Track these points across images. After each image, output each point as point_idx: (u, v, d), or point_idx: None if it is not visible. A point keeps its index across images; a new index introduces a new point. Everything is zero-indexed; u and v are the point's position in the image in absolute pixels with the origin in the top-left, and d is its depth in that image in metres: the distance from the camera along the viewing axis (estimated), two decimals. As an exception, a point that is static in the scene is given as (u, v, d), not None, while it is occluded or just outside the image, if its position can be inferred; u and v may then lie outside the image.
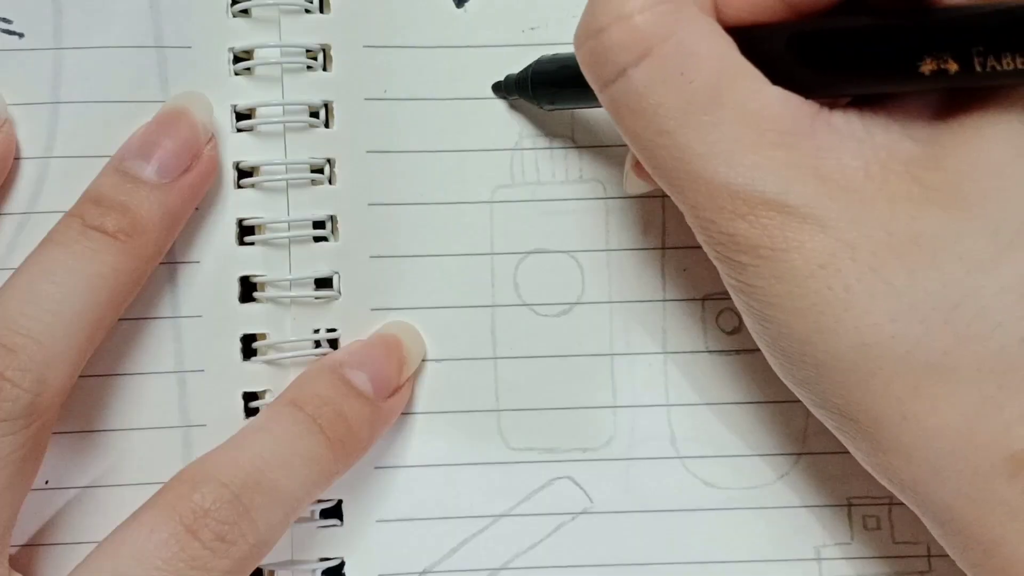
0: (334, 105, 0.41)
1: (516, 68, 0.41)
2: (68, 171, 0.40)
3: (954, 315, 0.28)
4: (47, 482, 0.40)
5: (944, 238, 0.28)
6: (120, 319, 0.39)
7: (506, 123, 0.41)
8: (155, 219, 0.37)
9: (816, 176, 0.29)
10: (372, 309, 0.41)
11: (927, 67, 0.26)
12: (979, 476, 0.29)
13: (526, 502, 0.41)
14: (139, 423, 0.41)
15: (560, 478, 0.41)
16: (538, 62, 0.40)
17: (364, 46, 0.41)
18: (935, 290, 0.28)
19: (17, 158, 0.40)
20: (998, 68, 0.25)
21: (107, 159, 0.38)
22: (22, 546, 0.40)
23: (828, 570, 0.41)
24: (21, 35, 0.41)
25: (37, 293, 0.35)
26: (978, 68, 0.25)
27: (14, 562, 0.37)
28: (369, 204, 0.41)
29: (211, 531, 0.34)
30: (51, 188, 0.40)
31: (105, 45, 0.41)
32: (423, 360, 0.41)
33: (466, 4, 0.41)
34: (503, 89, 0.41)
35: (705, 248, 0.32)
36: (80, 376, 0.37)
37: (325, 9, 0.41)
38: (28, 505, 0.36)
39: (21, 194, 0.40)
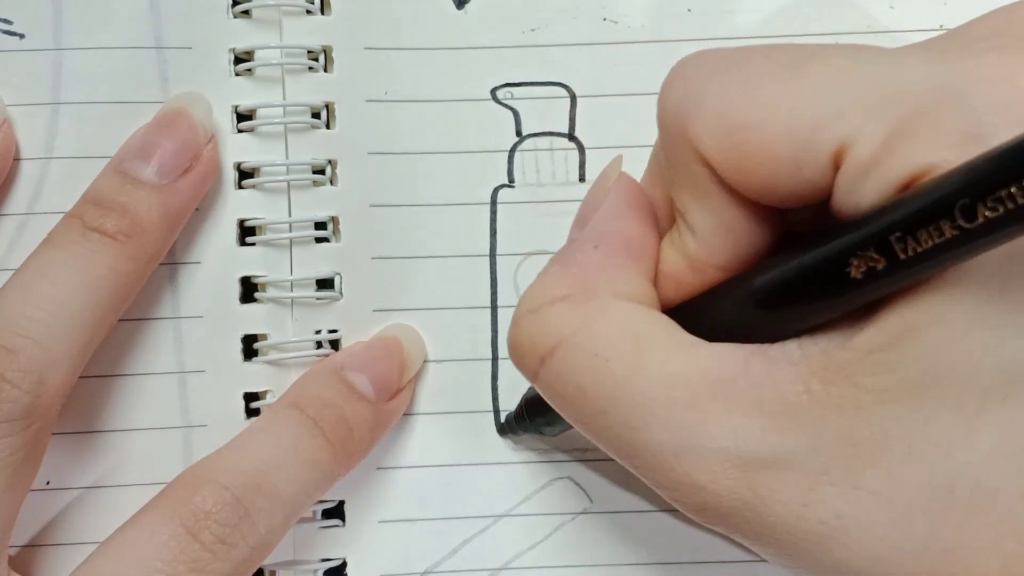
0: (335, 106, 0.41)
1: (516, 69, 0.41)
2: (68, 172, 0.40)
3: (952, 498, 0.27)
4: (48, 482, 0.40)
5: (910, 431, 0.27)
6: (121, 319, 0.39)
7: (507, 125, 0.41)
8: (155, 220, 0.37)
9: (760, 414, 0.28)
10: (374, 310, 0.41)
11: (856, 270, 0.26)
12: None
13: (526, 502, 0.41)
14: (140, 423, 0.41)
15: (560, 478, 0.41)
16: (527, 396, 0.40)
17: (365, 47, 0.41)
18: (924, 482, 0.27)
19: (17, 159, 0.40)
20: (919, 248, 0.25)
21: (107, 160, 0.38)
22: (22, 547, 0.40)
23: (828, 570, 0.41)
24: (21, 36, 0.41)
25: (37, 294, 0.35)
26: (901, 255, 0.25)
27: (14, 563, 0.37)
28: (370, 205, 0.41)
29: (211, 533, 0.34)
30: (51, 189, 0.40)
31: (105, 46, 0.40)
32: (424, 361, 0.41)
33: (467, 5, 0.41)
34: (508, 431, 0.41)
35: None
36: (81, 376, 0.37)
37: (326, 10, 0.41)
38: (28, 505, 0.36)
39: (21, 195, 0.40)
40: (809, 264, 0.27)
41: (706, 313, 0.30)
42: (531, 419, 0.39)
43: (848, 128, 0.26)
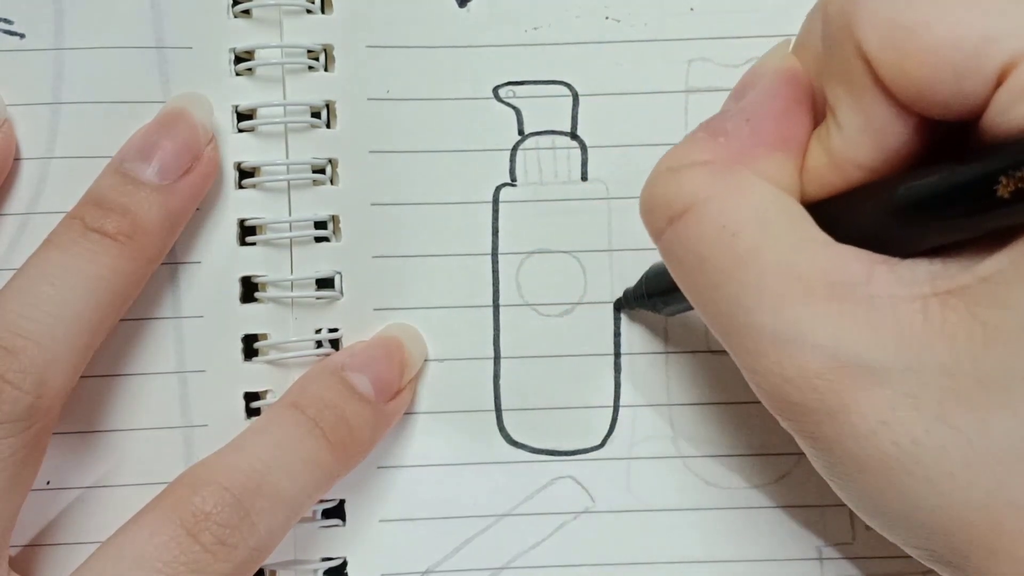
0: (336, 105, 0.41)
1: (518, 68, 0.41)
2: (69, 172, 0.40)
3: None
4: (48, 482, 0.40)
5: (1012, 378, 0.27)
6: (121, 319, 0.39)
7: (509, 123, 0.41)
8: (156, 221, 0.37)
9: (868, 325, 0.28)
10: (374, 309, 0.41)
11: (1004, 189, 0.26)
12: None
13: (528, 501, 0.41)
14: (140, 423, 0.41)
15: (562, 477, 0.41)
16: (647, 273, 0.40)
17: (367, 46, 0.41)
18: (1010, 431, 0.27)
19: (18, 159, 0.40)
20: None
21: (108, 160, 0.38)
22: (22, 547, 0.40)
23: (830, 570, 0.41)
24: (22, 35, 0.41)
25: (37, 295, 0.35)
26: None
27: (14, 563, 0.37)
28: (371, 204, 0.41)
29: (212, 534, 0.34)
30: (52, 189, 0.40)
31: (106, 46, 0.40)
32: (425, 360, 0.41)
33: (468, 4, 0.41)
34: (624, 305, 0.41)
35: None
36: (81, 376, 0.37)
37: (327, 9, 0.41)
38: (29, 506, 0.36)
39: (22, 195, 0.40)
40: (956, 177, 0.27)
41: (842, 214, 0.30)
42: (649, 295, 0.39)
43: (1019, 46, 0.26)
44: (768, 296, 0.29)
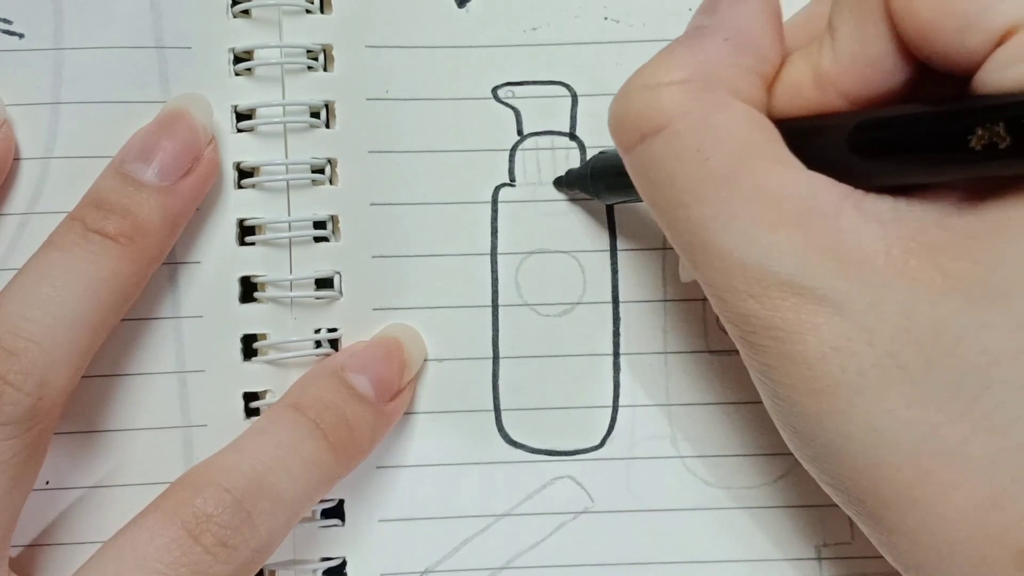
0: (335, 105, 0.41)
1: (518, 68, 0.41)
2: (68, 172, 0.40)
3: (973, 406, 0.27)
4: (48, 483, 0.40)
5: (966, 328, 0.27)
6: (121, 319, 0.39)
7: (508, 124, 0.41)
8: (156, 222, 0.37)
9: (835, 258, 0.28)
10: (374, 309, 0.41)
11: (978, 141, 0.26)
12: (985, 566, 0.28)
13: (527, 501, 0.41)
14: (140, 423, 0.41)
15: (561, 477, 0.41)
16: (596, 157, 0.40)
17: (366, 46, 0.41)
18: (955, 380, 0.27)
19: (17, 159, 0.40)
20: None
21: (108, 160, 0.38)
22: (23, 547, 0.40)
23: (828, 570, 0.41)
24: (21, 35, 0.40)
25: (38, 297, 0.35)
26: None
27: (14, 563, 0.37)
28: (371, 204, 0.41)
29: (213, 536, 0.34)
30: (51, 189, 0.40)
31: (105, 45, 0.40)
32: (425, 360, 0.41)
33: (468, 4, 0.41)
34: (564, 184, 0.41)
35: (725, 327, 0.32)
36: (81, 376, 0.37)
37: (326, 9, 0.41)
38: (29, 506, 0.36)
39: (21, 195, 0.40)
40: (932, 118, 0.27)
41: (810, 136, 0.30)
42: (593, 183, 0.39)
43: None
44: (738, 220, 0.29)
